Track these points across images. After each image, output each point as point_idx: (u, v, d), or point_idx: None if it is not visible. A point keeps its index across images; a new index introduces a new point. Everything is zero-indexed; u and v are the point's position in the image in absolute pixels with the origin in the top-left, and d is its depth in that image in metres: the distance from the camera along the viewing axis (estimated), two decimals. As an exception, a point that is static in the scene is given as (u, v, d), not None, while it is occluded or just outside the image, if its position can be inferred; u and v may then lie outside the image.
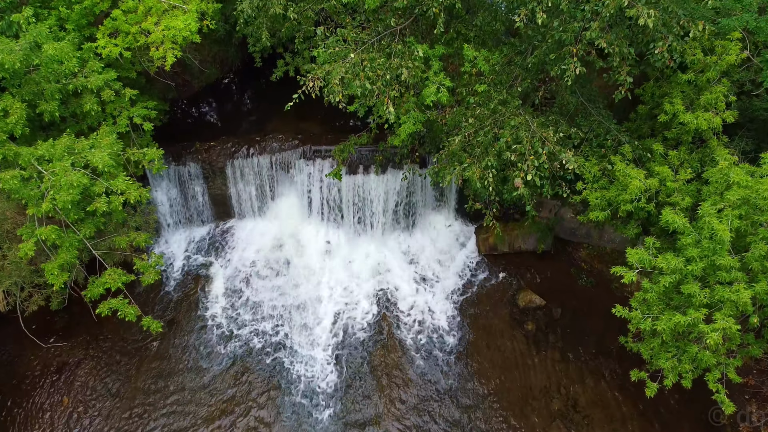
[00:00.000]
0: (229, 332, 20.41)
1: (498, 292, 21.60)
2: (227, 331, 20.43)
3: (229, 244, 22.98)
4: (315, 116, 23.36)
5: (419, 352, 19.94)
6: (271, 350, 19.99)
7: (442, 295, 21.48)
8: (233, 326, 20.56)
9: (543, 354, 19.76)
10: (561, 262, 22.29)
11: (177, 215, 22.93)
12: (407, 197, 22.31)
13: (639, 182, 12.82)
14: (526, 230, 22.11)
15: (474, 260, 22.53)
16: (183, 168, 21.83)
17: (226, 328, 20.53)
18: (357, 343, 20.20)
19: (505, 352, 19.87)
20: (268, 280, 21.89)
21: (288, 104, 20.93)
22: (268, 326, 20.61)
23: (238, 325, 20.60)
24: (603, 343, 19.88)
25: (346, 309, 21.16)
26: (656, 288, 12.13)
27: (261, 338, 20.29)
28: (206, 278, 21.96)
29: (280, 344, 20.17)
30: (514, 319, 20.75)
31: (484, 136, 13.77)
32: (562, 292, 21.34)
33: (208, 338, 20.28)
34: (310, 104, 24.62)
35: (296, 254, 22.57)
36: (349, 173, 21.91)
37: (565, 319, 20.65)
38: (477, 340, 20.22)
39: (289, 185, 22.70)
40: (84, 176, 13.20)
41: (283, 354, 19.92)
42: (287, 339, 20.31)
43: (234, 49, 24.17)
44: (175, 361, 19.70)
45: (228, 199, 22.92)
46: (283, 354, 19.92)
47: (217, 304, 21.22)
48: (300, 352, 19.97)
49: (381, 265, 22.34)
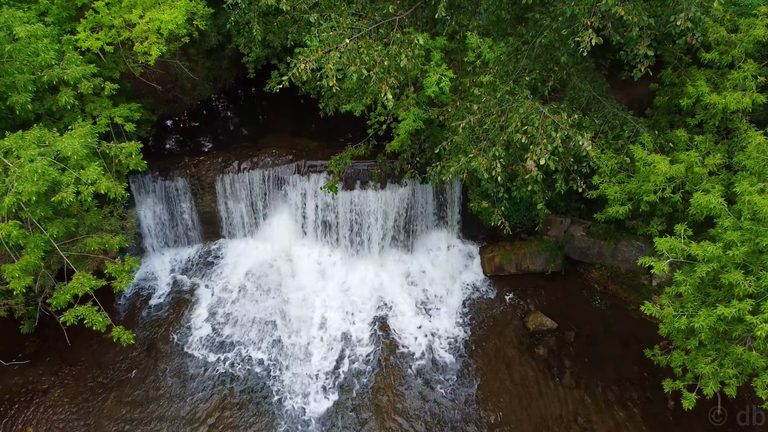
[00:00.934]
0: (213, 358, 18.70)
1: (505, 315, 20.01)
2: (211, 357, 18.72)
3: (217, 265, 21.51)
4: (311, 132, 22.38)
5: (421, 380, 18.20)
6: (259, 378, 18.23)
7: (445, 319, 19.88)
8: (218, 352, 18.87)
9: (557, 381, 18.01)
10: (572, 283, 20.80)
11: (162, 234, 21.55)
12: (407, 214, 21.01)
13: (664, 166, 11.54)
14: (534, 249, 20.71)
15: (479, 281, 21.03)
16: (170, 183, 20.61)
17: (210, 353, 18.83)
18: (353, 371, 18.48)
19: (514, 379, 18.12)
20: (257, 303, 20.32)
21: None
22: (256, 352, 18.92)
23: (223, 350, 18.91)
24: (622, 369, 18.18)
25: (341, 334, 19.52)
26: (691, 280, 10.65)
27: (247, 365, 18.56)
28: (191, 301, 20.39)
29: (269, 372, 18.43)
30: (524, 344, 19.09)
31: (491, 125, 12.61)
32: (575, 314, 19.77)
33: (190, 364, 18.54)
34: (305, 120, 23.87)
35: (288, 276, 21.08)
36: (346, 189, 20.71)
37: (580, 344, 19.00)
38: (484, 366, 18.51)
39: (282, 203, 21.44)
40: (50, 165, 11.91)
41: (272, 382, 18.16)
42: (276, 366, 18.58)
43: (227, 62, 23.39)
44: (154, 388, 17.92)
45: (217, 217, 21.60)
46: (272, 382, 18.16)
47: (201, 329, 19.57)
48: (290, 381, 18.21)
49: (379, 287, 20.84)
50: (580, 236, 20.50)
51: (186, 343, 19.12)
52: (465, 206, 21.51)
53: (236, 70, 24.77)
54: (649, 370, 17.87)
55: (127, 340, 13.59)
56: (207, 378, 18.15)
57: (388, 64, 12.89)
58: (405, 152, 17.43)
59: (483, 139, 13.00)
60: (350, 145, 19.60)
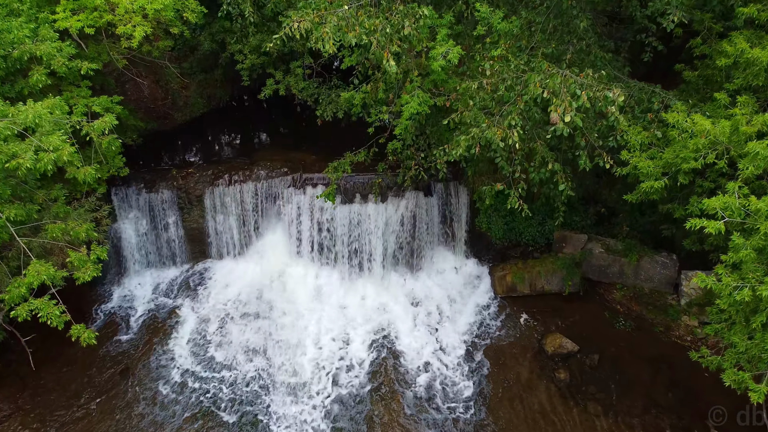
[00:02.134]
0: (194, 386, 16.66)
1: (521, 337, 18.08)
2: (192, 385, 16.69)
3: (203, 287, 19.74)
4: (308, 146, 21.15)
5: (428, 410, 16.11)
6: (245, 407, 16.15)
7: (454, 342, 17.95)
8: (199, 380, 16.84)
9: (581, 408, 15.92)
10: (592, 304, 18.96)
11: (145, 253, 19.90)
12: (410, 230, 19.44)
13: (708, 123, 10.06)
14: (549, 267, 19.00)
15: (490, 303, 19.19)
16: (155, 196, 19.18)
17: (190, 380, 16.80)
18: (352, 400, 16.41)
19: (533, 407, 16.03)
20: (245, 326, 18.43)
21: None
22: (243, 378, 16.89)
23: (205, 378, 16.88)
24: (653, 395, 16.11)
25: (338, 360, 17.53)
26: (754, 242, 8.93)
27: (232, 392, 16.50)
28: (173, 325, 18.50)
29: (257, 400, 16.36)
30: (543, 368, 17.09)
31: (506, 92, 11.28)
32: (597, 337, 17.84)
33: (167, 391, 16.50)
34: (303, 135, 22.70)
35: (281, 299, 19.26)
36: (345, 202, 19.24)
37: (604, 368, 16.99)
38: (498, 392, 16.45)
39: (275, 220, 19.93)
40: (8, 126, 10.49)
41: (260, 411, 16.07)
42: (265, 394, 16.52)
43: (221, 72, 22.39)
44: (127, 417, 15.81)
45: (205, 234, 20.02)
46: (260, 411, 16.07)
47: (183, 352, 17.61)
48: (281, 411, 16.12)
49: (380, 308, 18.98)
50: (598, 253, 18.85)
51: (164, 369, 17.12)
52: (472, 223, 19.98)
53: (231, 88, 23.87)
54: (685, 396, 15.88)
55: (88, 340, 11.74)
56: (185, 407, 16.06)
57: (390, 31, 11.72)
58: (408, 149, 16.07)
59: (497, 114, 11.64)
60: (350, 152, 18.31)
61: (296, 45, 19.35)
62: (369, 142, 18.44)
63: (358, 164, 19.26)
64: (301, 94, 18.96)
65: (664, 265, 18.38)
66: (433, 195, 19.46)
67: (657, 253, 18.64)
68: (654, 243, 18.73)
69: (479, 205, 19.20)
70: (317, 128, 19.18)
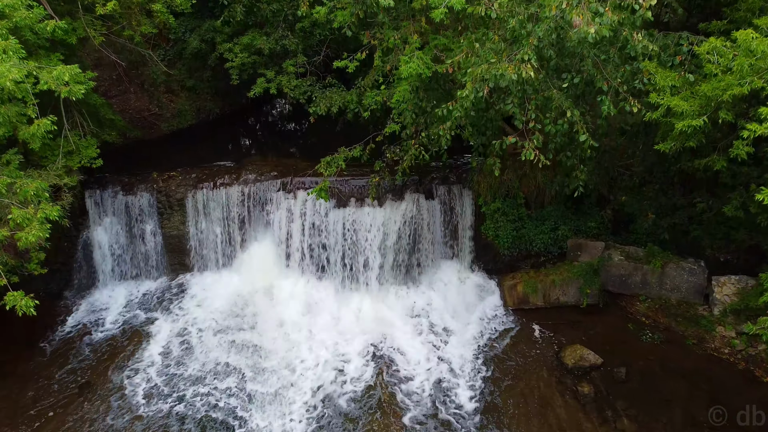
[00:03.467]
0: (163, 402, 14.47)
1: (535, 350, 16.01)
2: (160, 400, 14.50)
3: (181, 299, 17.82)
4: (300, 153, 19.87)
5: (431, 426, 13.88)
6: (221, 428, 13.91)
7: (460, 357, 15.86)
8: (167, 398, 14.65)
9: (610, 425, 13.69)
10: (613, 316, 16.99)
11: (119, 263, 18.12)
12: (411, 237, 17.75)
13: (756, 42, 8.64)
14: (564, 276, 17.17)
15: (499, 316, 17.23)
16: (133, 199, 17.63)
17: (159, 396, 14.63)
18: (343, 419, 14.17)
19: (551, 423, 13.81)
20: (225, 338, 16.39)
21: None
22: (221, 395, 14.71)
23: (175, 396, 14.70)
24: (692, 411, 13.89)
25: (330, 376, 15.40)
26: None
27: (207, 410, 14.29)
28: (144, 336, 16.49)
29: (234, 422, 14.12)
30: (562, 383, 14.95)
31: (517, 24, 9.99)
32: (622, 350, 15.78)
33: (131, 408, 14.29)
34: (295, 141, 21.46)
35: (266, 312, 17.30)
36: (339, 206, 17.69)
37: (633, 382, 14.86)
38: (511, 408, 14.24)
39: (263, 228, 18.29)
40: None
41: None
42: (245, 413, 14.29)
43: (209, 74, 21.37)
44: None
45: (186, 242, 18.32)
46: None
47: (152, 366, 15.51)
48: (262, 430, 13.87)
49: (377, 321, 17.00)
50: (618, 261, 17.08)
51: (129, 382, 14.98)
52: (477, 231, 18.33)
53: (221, 101, 22.89)
54: (730, 411, 13.67)
55: (25, 309, 9.82)
56: (148, 424, 13.82)
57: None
58: (408, 128, 14.68)
59: (507, 55, 10.30)
60: (344, 147, 16.95)
61: (289, 43, 18.45)
62: (365, 139, 17.15)
63: (354, 168, 17.92)
64: (293, 92, 17.84)
65: (691, 272, 16.59)
66: (434, 198, 17.92)
67: (683, 259, 16.90)
68: (677, 251, 17.08)
69: (485, 209, 17.69)
70: (310, 139, 18.02)
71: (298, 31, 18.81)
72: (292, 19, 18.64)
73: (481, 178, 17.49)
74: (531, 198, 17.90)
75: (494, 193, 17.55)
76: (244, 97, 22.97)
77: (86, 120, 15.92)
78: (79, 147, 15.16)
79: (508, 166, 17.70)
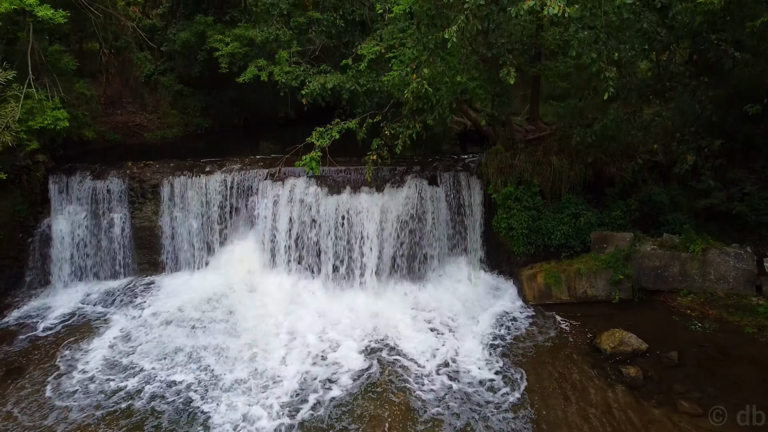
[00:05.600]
0: (107, 388, 11.63)
1: (564, 339, 13.32)
2: (105, 387, 11.66)
3: (146, 295, 15.33)
4: (293, 153, 18.20)
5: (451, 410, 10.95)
6: (175, 413, 10.99)
7: (474, 348, 13.13)
8: (121, 380, 11.85)
9: (671, 407, 10.80)
10: (653, 310, 14.42)
11: (79, 259, 15.84)
12: (414, 228, 15.66)
13: None
14: (591, 265, 14.85)
15: (517, 311, 14.65)
16: (101, 184, 15.80)
17: (105, 382, 11.80)
18: (335, 413, 11.24)
19: (593, 405, 10.91)
20: (193, 333, 13.72)
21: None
22: (166, 389, 11.86)
23: (130, 377, 11.89)
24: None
25: (317, 363, 12.59)
26: None
27: (160, 400, 11.41)
28: (94, 328, 13.84)
29: (194, 409, 11.20)
30: (599, 367, 12.16)
31: None
32: (669, 338, 13.10)
33: (69, 396, 11.44)
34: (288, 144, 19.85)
35: (246, 303, 14.78)
36: (332, 193, 15.83)
37: (690, 367, 12.07)
38: (544, 392, 11.39)
39: (246, 223, 16.30)
40: None
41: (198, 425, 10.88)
42: (206, 400, 11.39)
43: (198, 69, 20.25)
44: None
45: (157, 236, 16.20)
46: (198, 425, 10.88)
47: (100, 351, 12.79)
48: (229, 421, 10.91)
49: (375, 316, 14.41)
50: (650, 251, 14.88)
51: (70, 367, 12.21)
52: (488, 228, 16.27)
53: (211, 119, 21.74)
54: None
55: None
56: (92, 413, 10.92)
57: None
58: (408, 75, 13.23)
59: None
60: (338, 120, 15.50)
61: (283, 34, 17.64)
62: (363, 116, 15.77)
63: (349, 159, 16.38)
64: (285, 77, 16.64)
65: (738, 258, 14.35)
66: (439, 185, 16.06)
67: (726, 244, 14.72)
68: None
69: (495, 196, 15.82)
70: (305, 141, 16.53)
71: (293, 25, 18.05)
72: (287, 14, 17.94)
73: (491, 159, 15.79)
74: (546, 188, 16.04)
75: (505, 179, 15.75)
76: (236, 115, 22.01)
77: (57, 87, 14.56)
78: (44, 105, 13.63)
79: (520, 150, 16.11)
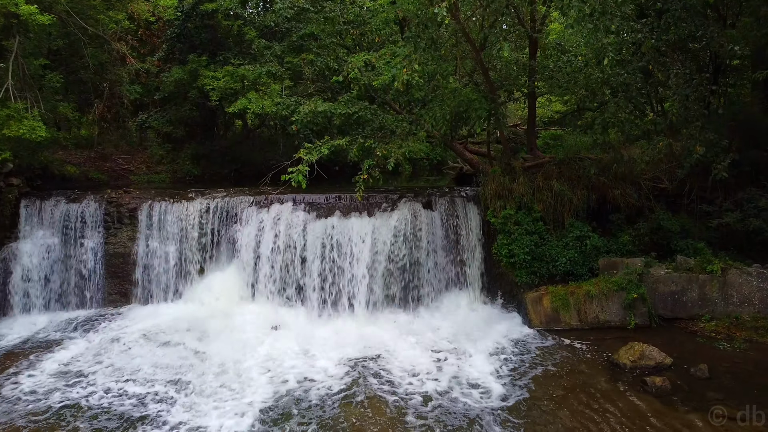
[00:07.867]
0: (53, 402, 10.04)
1: (577, 356, 11.79)
2: (50, 401, 10.07)
3: (112, 320, 13.89)
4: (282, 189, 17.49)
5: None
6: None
7: (478, 366, 11.58)
8: (68, 394, 10.27)
9: (702, 413, 9.22)
10: (673, 333, 12.97)
11: (43, 288, 14.57)
12: (406, 258, 14.56)
13: None
14: (601, 287, 13.57)
15: (523, 337, 13.15)
16: (76, 207, 14.94)
17: (50, 396, 10.22)
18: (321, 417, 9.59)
19: (617, 414, 9.30)
20: (157, 352, 12.20)
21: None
22: (135, 397, 10.27)
23: (78, 392, 10.32)
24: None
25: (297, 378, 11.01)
26: None
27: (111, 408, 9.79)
28: (52, 350, 12.32)
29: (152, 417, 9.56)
30: (620, 380, 10.61)
31: None
32: (696, 356, 11.61)
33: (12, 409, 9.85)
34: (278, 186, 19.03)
35: (221, 328, 13.29)
36: (319, 217, 14.94)
37: (724, 379, 10.53)
38: (557, 404, 9.79)
39: (228, 253, 15.22)
40: None
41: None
42: (165, 409, 9.76)
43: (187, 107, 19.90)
44: None
45: (131, 264, 15.05)
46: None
47: (51, 366, 11.24)
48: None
49: (362, 338, 12.93)
50: (665, 275, 13.70)
51: (11, 386, 10.63)
52: (488, 255, 15.19)
53: (199, 167, 21.25)
54: None
55: None
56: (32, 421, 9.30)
57: None
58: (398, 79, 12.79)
59: None
60: (328, 137, 14.97)
61: (276, 69, 17.61)
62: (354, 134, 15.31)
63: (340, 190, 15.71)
64: (275, 108, 16.30)
65: (761, 278, 13.18)
66: (434, 210, 15.17)
67: (747, 264, 13.58)
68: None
69: (494, 220, 14.91)
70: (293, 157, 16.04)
71: (287, 67, 18.05)
72: (280, 55, 18.01)
73: (489, 183, 15.05)
74: (548, 214, 15.16)
75: (504, 203, 14.91)
76: (227, 166, 21.56)
77: (39, 104, 14.16)
78: (21, 115, 13.12)
79: (520, 173, 15.41)
